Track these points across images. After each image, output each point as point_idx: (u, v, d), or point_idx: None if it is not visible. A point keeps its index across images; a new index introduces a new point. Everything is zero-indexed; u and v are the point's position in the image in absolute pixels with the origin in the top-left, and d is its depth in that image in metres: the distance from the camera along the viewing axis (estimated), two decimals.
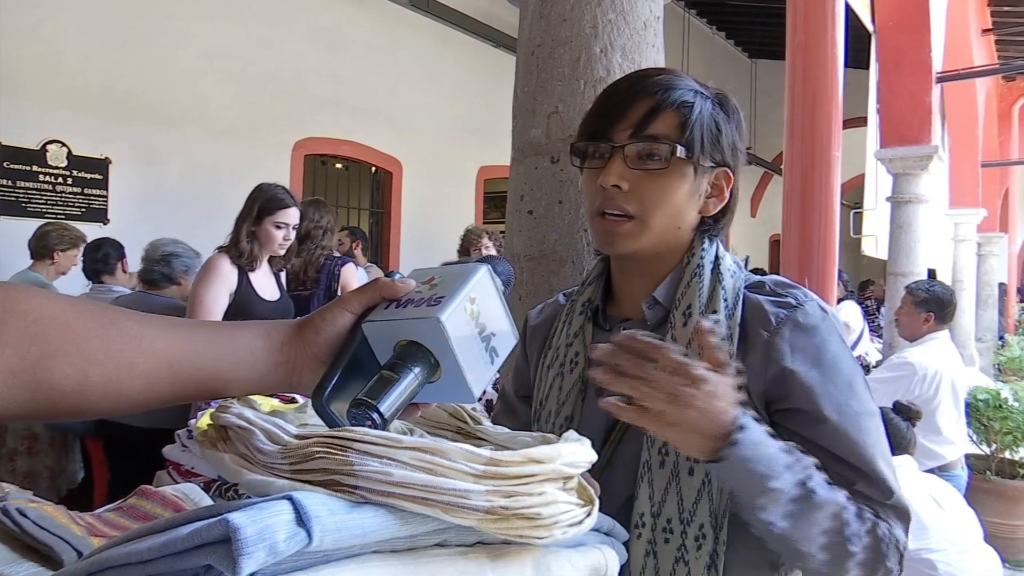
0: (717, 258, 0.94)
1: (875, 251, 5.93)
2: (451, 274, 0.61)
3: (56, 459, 3.31)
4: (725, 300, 0.90)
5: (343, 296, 0.61)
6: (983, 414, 4.00)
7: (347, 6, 6.11)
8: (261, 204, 2.64)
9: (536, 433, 0.65)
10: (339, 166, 7.03)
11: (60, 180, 4.61)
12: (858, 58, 5.25)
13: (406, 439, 0.49)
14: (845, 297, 5.66)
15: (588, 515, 0.56)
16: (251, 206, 2.66)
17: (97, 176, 4.77)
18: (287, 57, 5.70)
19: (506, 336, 0.62)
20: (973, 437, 4.04)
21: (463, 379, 0.58)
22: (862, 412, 0.86)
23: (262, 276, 2.71)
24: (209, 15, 5.19)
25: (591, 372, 0.73)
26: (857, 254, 6.68)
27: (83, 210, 4.71)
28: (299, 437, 0.51)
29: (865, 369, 4.26)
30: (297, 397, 0.90)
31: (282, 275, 2.87)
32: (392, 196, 6.84)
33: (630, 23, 1.46)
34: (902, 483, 0.85)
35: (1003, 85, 9.58)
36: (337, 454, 0.48)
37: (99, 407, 0.50)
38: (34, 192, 4.53)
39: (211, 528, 0.41)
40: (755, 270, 2.79)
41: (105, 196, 4.81)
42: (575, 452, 0.55)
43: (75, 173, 4.67)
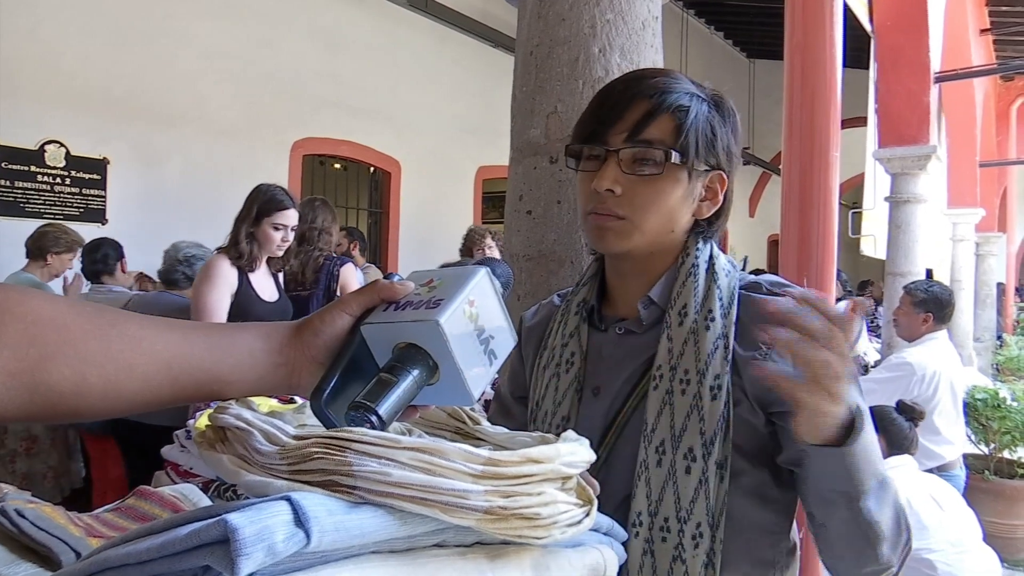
0: (711, 258, 0.95)
1: (874, 251, 5.94)
2: (450, 276, 0.61)
3: (59, 459, 3.31)
4: (720, 299, 0.90)
5: (342, 298, 0.61)
6: (981, 414, 4.00)
7: (347, 6, 6.10)
8: (260, 205, 2.64)
9: (535, 433, 0.65)
10: (337, 166, 7.02)
11: (58, 180, 4.60)
12: (857, 58, 5.25)
13: (404, 439, 0.49)
14: (843, 297, 5.66)
15: (587, 515, 0.56)
16: (250, 207, 2.66)
17: (95, 176, 4.76)
18: (287, 57, 5.69)
19: (505, 338, 0.62)
20: (972, 437, 4.04)
21: (462, 381, 0.58)
22: None
23: (261, 277, 2.71)
24: (209, 15, 5.19)
25: (773, 333, 0.68)
26: (856, 254, 6.69)
27: (81, 210, 4.71)
28: (297, 438, 0.51)
29: (864, 369, 4.26)
30: (295, 397, 0.90)
31: (280, 276, 2.87)
32: (391, 196, 6.83)
33: (628, 23, 1.46)
34: (902, 483, 0.87)
35: (1001, 85, 9.60)
36: (335, 454, 0.48)
37: (98, 409, 0.50)
38: (32, 192, 4.52)
39: (209, 529, 0.40)
40: (755, 271, 2.79)
41: (103, 196, 4.81)
42: (574, 452, 0.55)
43: (73, 173, 4.66)
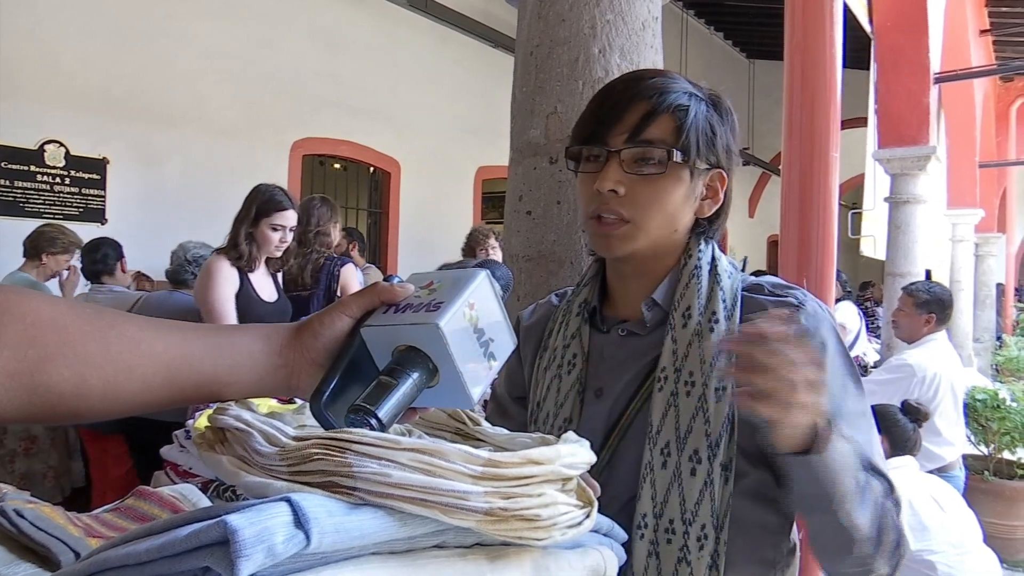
0: (714, 259, 0.95)
1: (873, 252, 5.94)
2: (450, 279, 0.61)
3: (59, 459, 3.31)
4: (724, 301, 0.91)
5: (342, 300, 0.61)
6: (981, 414, 4.00)
7: (347, 6, 6.10)
8: (258, 206, 2.63)
9: (535, 434, 0.65)
10: (337, 166, 7.02)
11: (58, 180, 4.59)
12: (857, 58, 5.25)
13: (404, 440, 0.48)
14: (843, 298, 5.66)
15: (587, 516, 0.56)
16: (249, 207, 2.65)
17: (95, 176, 4.75)
18: (287, 57, 5.69)
19: (504, 341, 0.62)
20: (971, 437, 4.04)
21: (462, 384, 0.58)
22: (857, 412, 0.87)
23: (260, 277, 2.71)
24: (209, 15, 5.18)
25: (728, 370, 0.73)
26: (856, 255, 6.69)
27: (80, 210, 4.70)
28: (297, 439, 0.51)
29: (863, 370, 4.26)
30: (295, 398, 0.90)
31: (279, 276, 2.86)
32: (390, 196, 6.82)
33: (628, 23, 1.46)
34: (904, 484, 0.87)
35: (1000, 86, 9.60)
36: (335, 455, 0.48)
37: (97, 410, 0.50)
38: (32, 192, 4.51)
39: (209, 530, 0.40)
40: (755, 272, 2.79)
41: (103, 196, 4.80)
42: (574, 453, 0.55)
43: (73, 173, 4.65)
